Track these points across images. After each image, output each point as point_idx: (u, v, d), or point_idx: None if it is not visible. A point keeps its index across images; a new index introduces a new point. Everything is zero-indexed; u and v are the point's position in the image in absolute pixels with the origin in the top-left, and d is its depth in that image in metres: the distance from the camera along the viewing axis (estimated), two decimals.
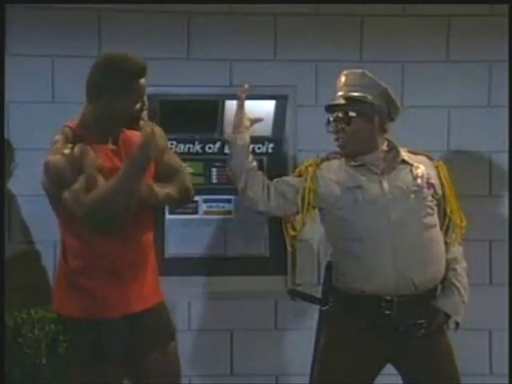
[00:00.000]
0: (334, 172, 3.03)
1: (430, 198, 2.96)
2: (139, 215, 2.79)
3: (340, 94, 3.01)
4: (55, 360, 3.39)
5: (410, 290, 2.90)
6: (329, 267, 3.10)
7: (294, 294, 3.47)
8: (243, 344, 4.02)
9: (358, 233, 2.93)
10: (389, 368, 3.04)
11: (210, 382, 4.03)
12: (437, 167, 3.05)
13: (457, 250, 3.04)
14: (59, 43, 3.89)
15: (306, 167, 3.08)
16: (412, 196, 2.94)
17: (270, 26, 3.97)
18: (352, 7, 3.93)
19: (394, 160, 3.00)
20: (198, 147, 4.01)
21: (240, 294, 3.94)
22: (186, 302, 3.97)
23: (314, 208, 3.05)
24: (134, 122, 2.78)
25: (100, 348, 2.75)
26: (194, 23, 3.95)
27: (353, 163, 3.00)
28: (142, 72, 2.73)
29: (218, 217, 4.00)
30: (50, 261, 3.82)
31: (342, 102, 2.98)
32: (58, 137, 2.77)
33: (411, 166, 3.00)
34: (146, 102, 2.79)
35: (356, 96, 2.97)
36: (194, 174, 3.96)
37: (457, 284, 2.99)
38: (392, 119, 3.04)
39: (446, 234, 3.02)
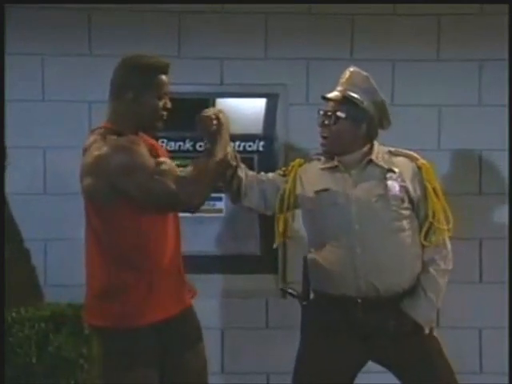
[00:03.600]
0: (310, 174, 3.00)
1: (397, 202, 2.88)
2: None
3: (339, 88, 2.95)
4: (45, 359, 3.38)
5: (373, 294, 2.86)
6: (305, 263, 3.09)
7: (284, 293, 3.43)
8: (234, 342, 4.02)
9: (322, 236, 2.91)
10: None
11: None
12: (419, 168, 2.95)
13: (434, 252, 2.92)
14: (50, 42, 3.89)
15: (292, 167, 3.06)
16: (377, 199, 2.87)
17: (261, 24, 3.98)
18: (343, 6, 3.93)
19: (366, 162, 2.94)
20: (188, 145, 4.01)
21: (231, 292, 3.94)
22: None
23: (294, 209, 3.04)
24: (157, 121, 2.76)
25: (136, 354, 2.70)
26: (185, 22, 3.94)
27: (327, 165, 2.97)
28: (164, 68, 2.75)
29: (209, 215, 4.00)
30: (40, 259, 3.81)
31: (339, 97, 2.93)
32: (93, 137, 2.69)
33: (381, 168, 2.93)
34: (169, 104, 2.76)
35: (353, 97, 2.91)
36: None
37: (425, 287, 2.88)
38: (383, 128, 2.99)
39: (425, 237, 2.91)
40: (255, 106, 3.86)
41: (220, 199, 3.97)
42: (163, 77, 2.74)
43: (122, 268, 2.70)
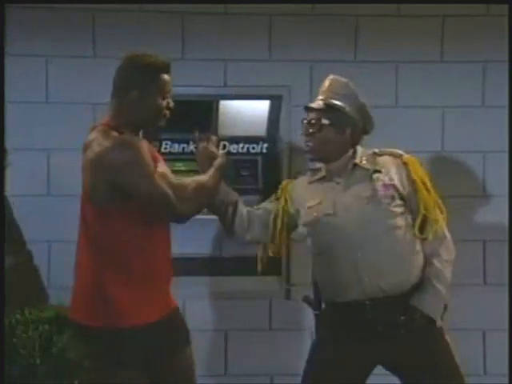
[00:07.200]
0: (300, 191, 3.08)
1: (388, 200, 2.92)
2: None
3: (320, 97, 3.02)
4: (49, 360, 3.39)
5: (380, 295, 2.89)
6: (313, 274, 3.16)
7: (307, 301, 3.40)
8: (238, 344, 4.02)
9: (320, 247, 2.98)
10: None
11: (204, 382, 4.01)
12: (405, 164, 2.98)
13: (435, 244, 2.95)
14: (54, 43, 3.89)
15: (282, 189, 3.14)
16: (367, 202, 2.92)
17: (264, 26, 3.98)
18: (347, 7, 3.94)
19: (351, 167, 2.99)
20: (192, 147, 4.00)
21: (235, 294, 3.94)
22: (180, 302, 3.93)
23: (291, 229, 3.10)
24: (159, 120, 2.80)
25: (125, 354, 2.73)
26: (189, 23, 3.95)
27: (315, 177, 3.05)
28: (166, 67, 2.78)
29: (213, 217, 3.99)
30: (43, 261, 3.81)
31: (322, 106, 2.99)
32: (94, 134, 2.72)
33: (367, 170, 2.97)
34: (172, 103, 2.80)
35: (335, 104, 2.97)
36: (188, 174, 3.98)
37: (432, 279, 2.92)
38: (367, 133, 3.04)
39: (421, 230, 2.95)
40: (259, 108, 3.86)
41: None
42: (165, 76, 2.77)
43: (113, 269, 2.71)
